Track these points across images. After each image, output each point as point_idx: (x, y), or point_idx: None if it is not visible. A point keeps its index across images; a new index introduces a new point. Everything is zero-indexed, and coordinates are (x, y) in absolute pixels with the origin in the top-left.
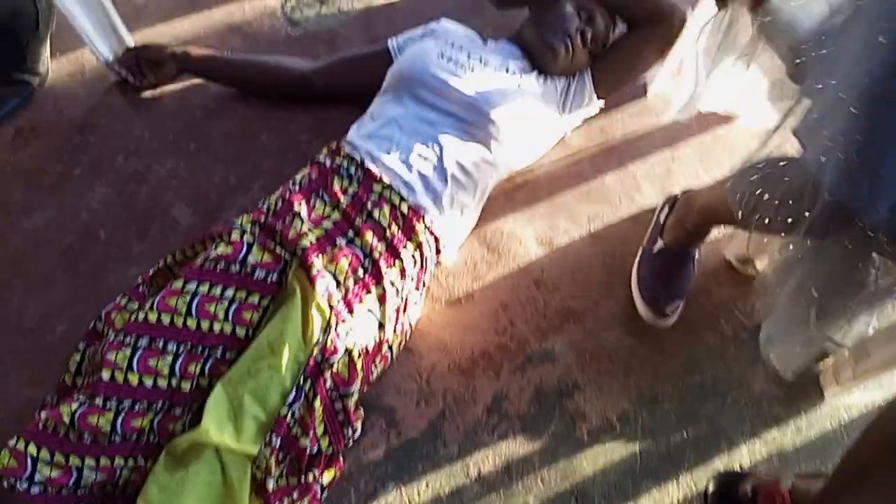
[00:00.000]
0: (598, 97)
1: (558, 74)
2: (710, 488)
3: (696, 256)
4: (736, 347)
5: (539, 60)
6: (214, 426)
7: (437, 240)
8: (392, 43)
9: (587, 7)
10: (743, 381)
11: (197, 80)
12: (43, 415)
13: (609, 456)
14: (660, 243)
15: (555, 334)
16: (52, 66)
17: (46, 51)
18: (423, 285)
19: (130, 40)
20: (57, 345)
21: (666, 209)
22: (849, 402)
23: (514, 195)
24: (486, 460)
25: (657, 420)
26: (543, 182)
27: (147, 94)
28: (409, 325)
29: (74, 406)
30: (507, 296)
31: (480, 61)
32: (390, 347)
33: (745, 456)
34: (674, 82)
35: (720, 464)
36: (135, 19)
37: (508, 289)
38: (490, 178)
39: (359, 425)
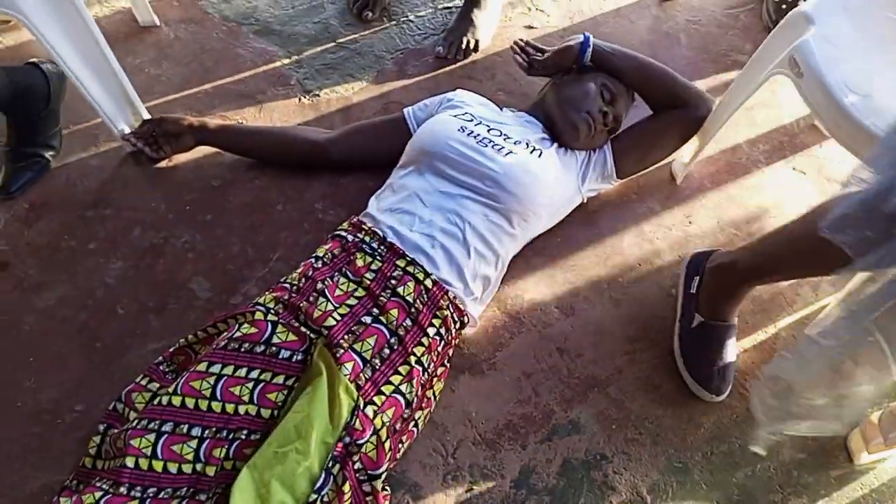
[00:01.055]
0: (618, 177)
1: (578, 150)
2: None
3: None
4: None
5: (560, 135)
6: None
7: (461, 313)
8: (409, 112)
9: (610, 88)
10: (771, 448)
11: (211, 150)
12: (63, 501)
13: None
14: (698, 318)
15: (580, 403)
16: (64, 138)
17: (59, 124)
18: (448, 359)
19: (145, 112)
20: (74, 426)
21: (695, 280)
22: (880, 469)
23: (532, 260)
24: None
25: (688, 490)
26: (562, 247)
27: (162, 164)
28: (436, 398)
29: (98, 495)
30: (529, 364)
31: (501, 135)
32: (416, 423)
33: None
34: None
35: None
36: (147, 90)
37: (531, 357)
38: (511, 248)
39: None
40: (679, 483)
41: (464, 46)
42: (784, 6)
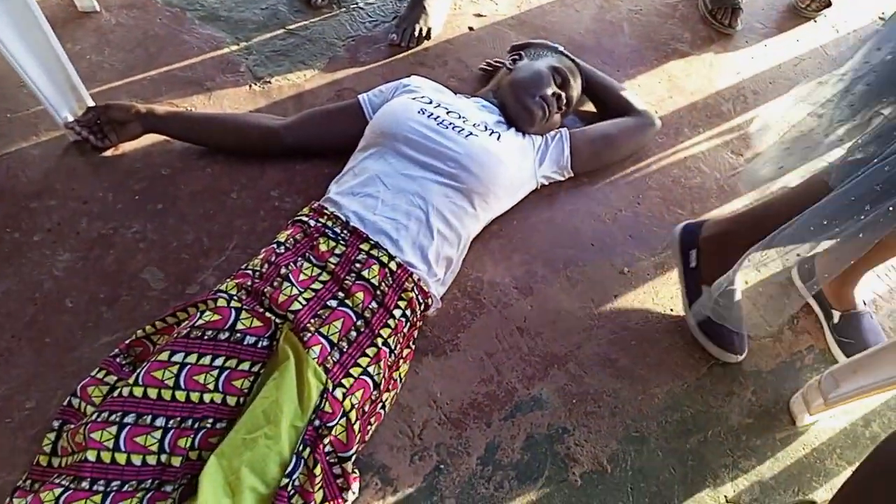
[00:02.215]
0: (573, 170)
1: (533, 134)
2: None
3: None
4: (711, 383)
5: (515, 120)
6: (212, 502)
7: (426, 295)
8: (364, 98)
9: (561, 71)
10: (720, 414)
11: (160, 138)
12: (17, 502)
13: (602, 498)
14: (706, 289)
15: (541, 380)
16: (4, 127)
17: None
18: (413, 340)
19: (90, 99)
20: (25, 424)
21: (692, 254)
22: (819, 429)
23: (490, 243)
24: None
25: (645, 458)
26: (518, 229)
27: (108, 153)
28: (401, 380)
29: (58, 491)
30: (491, 344)
31: (460, 117)
32: (383, 405)
33: (728, 488)
34: None
35: (707, 498)
36: (90, 77)
37: (492, 337)
38: (472, 230)
39: (356, 487)
40: (636, 451)
41: (416, 34)
42: None
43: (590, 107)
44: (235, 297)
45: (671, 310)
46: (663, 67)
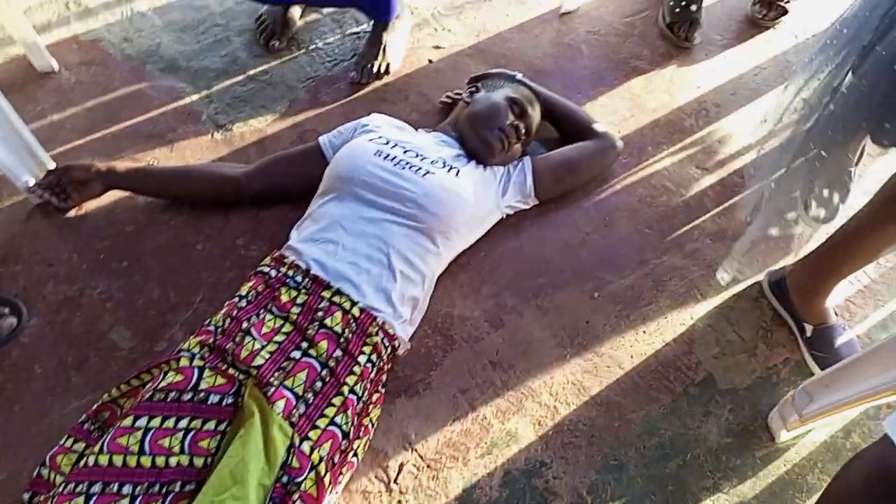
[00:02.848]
0: (537, 197)
1: (494, 165)
2: None
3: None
4: (687, 404)
5: (475, 153)
6: None
7: (392, 338)
8: (324, 140)
9: (518, 101)
10: (699, 436)
11: (123, 194)
12: None
13: None
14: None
15: (515, 413)
16: None
17: None
18: (382, 384)
19: (50, 161)
20: None
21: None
22: (799, 443)
23: (458, 276)
24: None
25: (625, 486)
26: (486, 260)
27: (72, 213)
28: (373, 425)
29: None
30: (464, 380)
31: (417, 155)
32: (355, 453)
33: None
34: None
35: None
36: (52, 138)
37: (465, 373)
38: (437, 267)
39: None
40: (616, 480)
41: (375, 70)
42: (678, 9)
43: (552, 132)
44: (198, 356)
45: (643, 331)
46: (624, 86)
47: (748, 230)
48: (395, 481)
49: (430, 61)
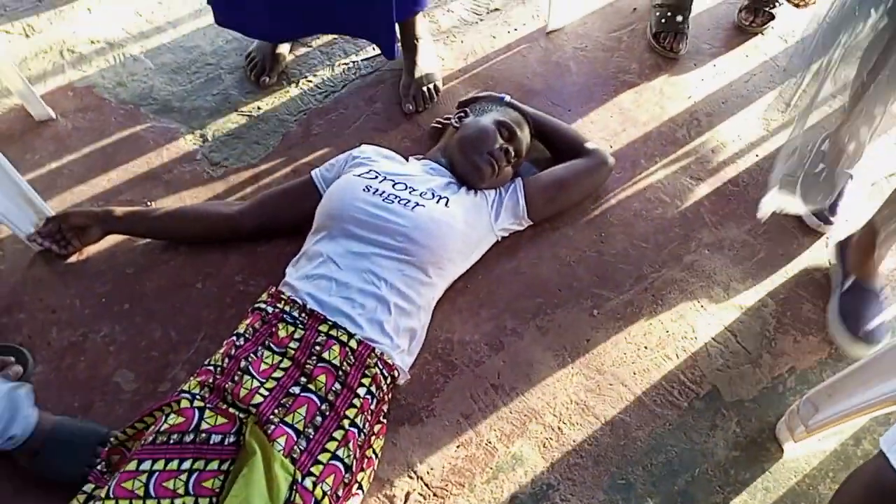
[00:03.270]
0: (530, 218)
1: (485, 190)
2: None
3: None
4: (693, 418)
5: (465, 179)
6: None
7: (391, 368)
8: (316, 174)
9: (507, 124)
10: (706, 450)
11: (122, 237)
12: None
13: None
14: (850, 279)
15: (520, 436)
16: None
17: None
18: (384, 415)
19: (48, 209)
20: None
21: (838, 262)
22: (807, 453)
23: (457, 301)
24: None
25: None
26: (483, 283)
27: (72, 259)
28: (377, 456)
29: None
30: (467, 405)
31: (406, 188)
32: (360, 486)
33: None
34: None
35: None
36: (50, 186)
37: (467, 398)
38: (431, 297)
39: None
40: (624, 499)
41: (428, 93)
42: (664, 20)
43: (544, 152)
44: (198, 396)
45: (645, 347)
46: (614, 101)
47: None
48: None
49: None
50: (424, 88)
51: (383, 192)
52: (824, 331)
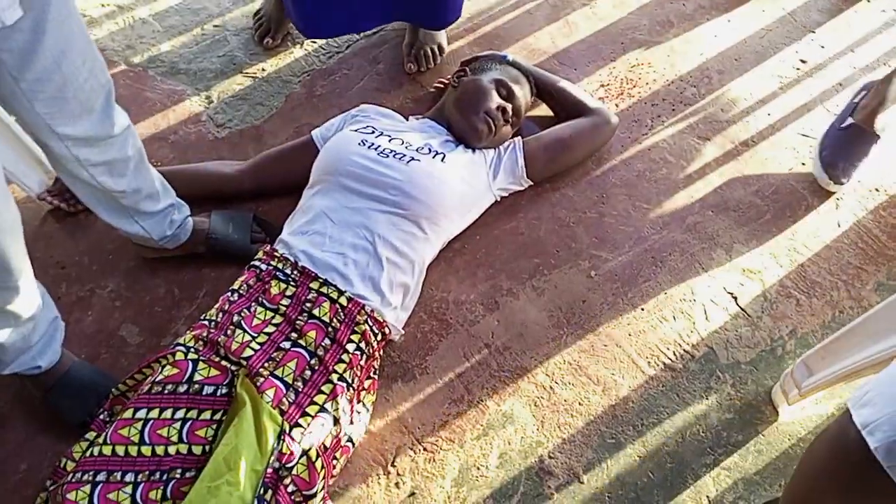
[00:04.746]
0: (529, 178)
1: (484, 149)
2: None
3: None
4: (687, 380)
5: (463, 137)
6: None
7: (381, 325)
8: (316, 134)
9: (505, 83)
10: (699, 412)
11: None
12: None
13: None
14: (849, 120)
15: (511, 395)
16: None
17: None
18: (375, 371)
19: None
20: (21, 485)
21: (862, 94)
22: (803, 417)
23: (454, 261)
24: None
25: (622, 465)
26: (481, 244)
27: (81, 217)
28: (367, 410)
29: None
30: (460, 363)
31: (402, 143)
32: (350, 439)
33: (711, 488)
34: None
35: (689, 500)
36: None
37: (460, 356)
38: (426, 253)
39: None
40: (613, 458)
41: (431, 54)
42: None
43: (547, 112)
44: (192, 349)
45: (641, 308)
46: (622, 59)
47: None
48: (392, 464)
49: None
50: (427, 48)
51: (378, 146)
52: (828, 294)
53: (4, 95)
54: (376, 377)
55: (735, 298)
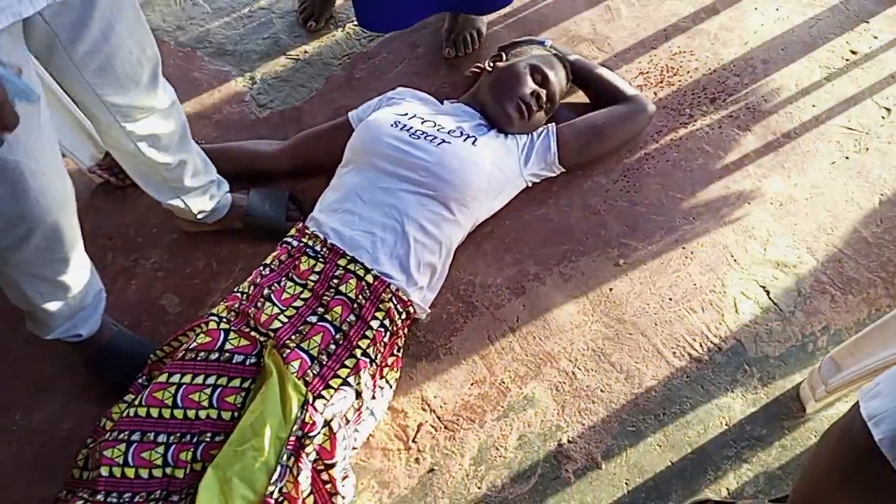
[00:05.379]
0: (561, 165)
1: (517, 134)
2: None
3: None
4: (713, 372)
5: (495, 121)
6: None
7: (406, 304)
8: (352, 115)
9: (540, 69)
10: (723, 405)
11: None
12: None
13: (596, 494)
14: None
15: (533, 379)
16: None
17: None
18: (398, 348)
19: None
20: (66, 443)
21: None
22: (831, 414)
23: (482, 245)
24: None
25: (641, 453)
26: (510, 229)
27: (129, 191)
28: (391, 387)
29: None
30: (483, 345)
31: (434, 126)
32: (372, 413)
33: (731, 480)
34: None
35: (707, 490)
36: None
37: (484, 339)
38: (454, 234)
39: (349, 489)
40: (632, 446)
41: (470, 40)
42: None
43: (584, 98)
44: (224, 319)
45: (669, 298)
46: (663, 47)
47: None
48: (413, 440)
49: None
50: (466, 33)
51: (411, 128)
52: (865, 291)
53: (58, 66)
54: (400, 354)
55: (767, 292)
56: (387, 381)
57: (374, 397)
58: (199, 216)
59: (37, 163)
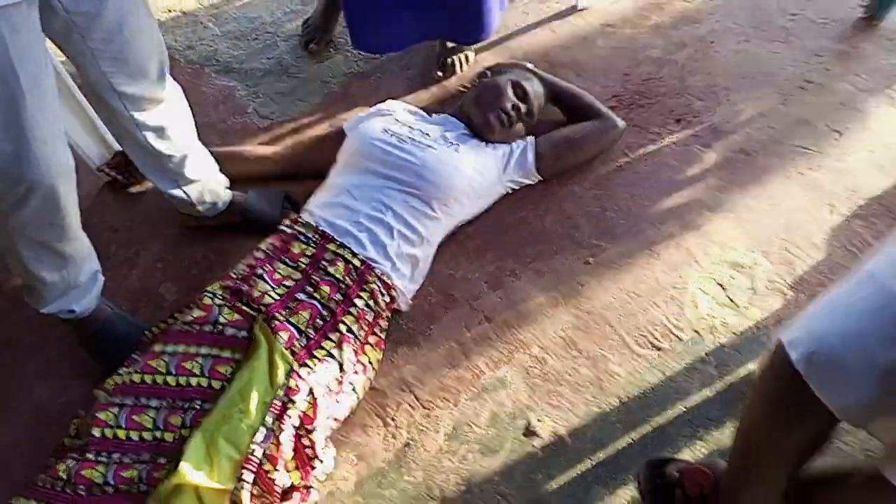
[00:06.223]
0: (539, 174)
1: (498, 143)
2: (641, 476)
3: None
4: (673, 360)
5: (478, 131)
6: (192, 467)
7: (389, 287)
8: (346, 125)
9: (521, 84)
10: (681, 389)
11: None
12: (42, 476)
13: (562, 468)
14: None
15: (506, 363)
16: None
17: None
18: (381, 329)
19: (117, 145)
20: (60, 414)
21: None
22: None
23: (465, 243)
24: (448, 482)
25: (605, 431)
26: (491, 230)
27: (134, 189)
28: (373, 368)
29: (71, 463)
30: (461, 333)
31: (421, 133)
32: (353, 388)
33: (687, 454)
34: None
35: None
36: None
37: (462, 327)
38: (436, 231)
39: (329, 460)
40: (597, 425)
41: (458, 63)
42: None
43: (561, 117)
44: (219, 296)
45: (634, 293)
46: (636, 73)
47: None
48: (391, 418)
49: None
50: (455, 58)
51: (400, 134)
52: (814, 289)
53: (75, 53)
54: (383, 336)
55: (724, 289)
56: (369, 360)
57: (356, 372)
58: (200, 208)
59: (42, 132)
